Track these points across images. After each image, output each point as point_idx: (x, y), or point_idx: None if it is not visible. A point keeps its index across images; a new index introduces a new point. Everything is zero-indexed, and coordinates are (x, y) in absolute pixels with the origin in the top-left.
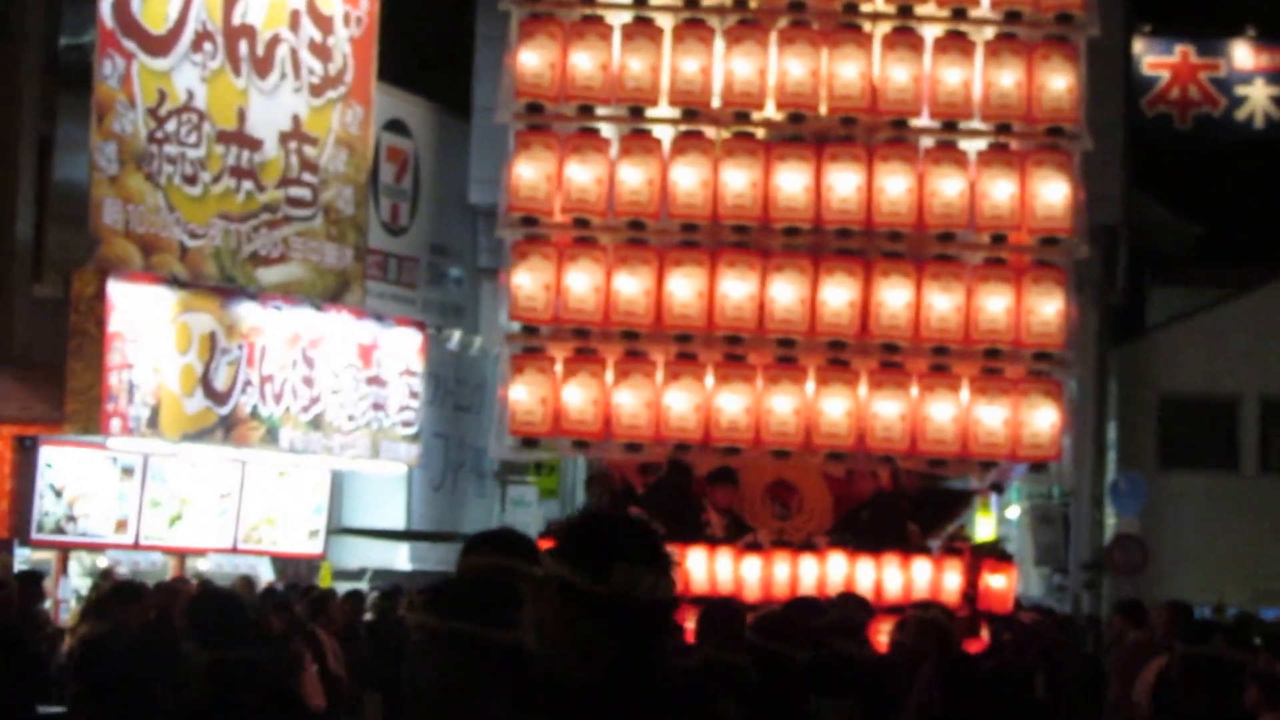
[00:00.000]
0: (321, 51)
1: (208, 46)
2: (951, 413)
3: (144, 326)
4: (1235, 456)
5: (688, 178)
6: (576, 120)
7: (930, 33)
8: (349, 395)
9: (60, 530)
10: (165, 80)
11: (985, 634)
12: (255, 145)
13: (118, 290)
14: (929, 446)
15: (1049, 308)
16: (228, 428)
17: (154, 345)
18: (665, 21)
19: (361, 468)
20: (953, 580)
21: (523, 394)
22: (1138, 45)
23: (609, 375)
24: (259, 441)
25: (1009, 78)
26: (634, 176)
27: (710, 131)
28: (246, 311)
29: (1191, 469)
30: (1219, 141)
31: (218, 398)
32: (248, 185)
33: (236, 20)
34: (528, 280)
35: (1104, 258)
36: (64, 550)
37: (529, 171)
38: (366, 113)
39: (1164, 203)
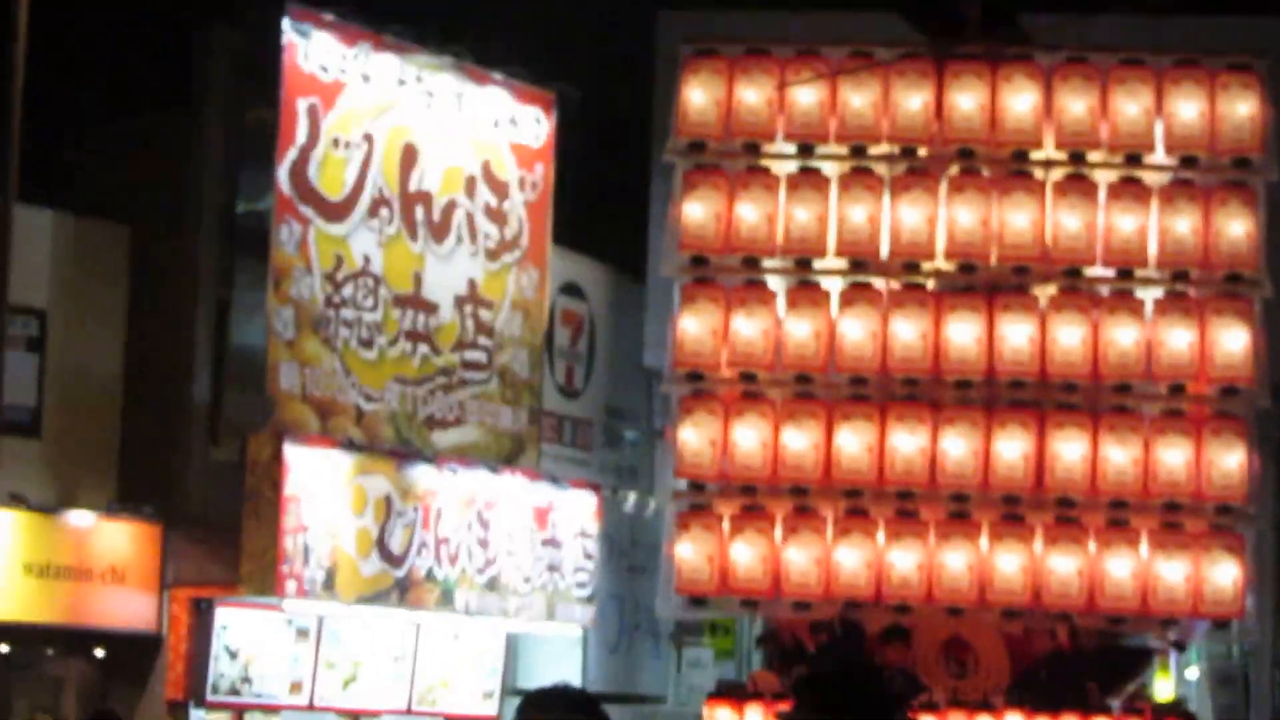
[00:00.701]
0: (497, 216)
1: (384, 212)
2: (1130, 568)
3: (320, 489)
4: None
5: (856, 330)
6: (742, 272)
7: (1103, 178)
8: (524, 557)
9: (235, 692)
10: (342, 245)
11: None
12: (431, 309)
13: (294, 453)
14: (1107, 603)
15: (1230, 460)
16: (403, 590)
17: (330, 508)
18: (831, 170)
19: (537, 629)
20: None
21: (689, 551)
22: None
23: (777, 532)
24: (434, 603)
25: (1185, 224)
26: (801, 329)
27: (879, 282)
28: (422, 474)
29: None
30: None
31: (393, 560)
32: (424, 349)
33: (413, 186)
34: (694, 436)
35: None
36: (239, 712)
37: (694, 326)
38: (542, 276)
39: None
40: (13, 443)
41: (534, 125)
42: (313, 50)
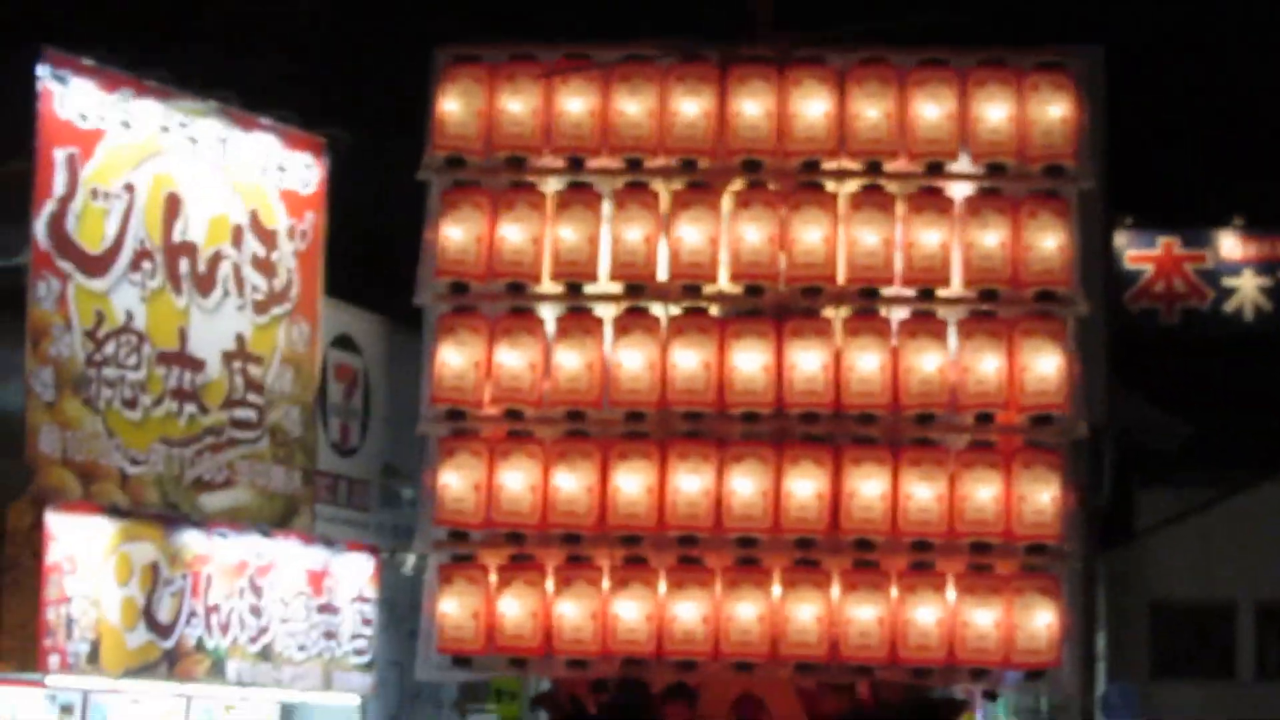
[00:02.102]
0: (266, 267)
1: (147, 265)
2: (936, 615)
3: (83, 558)
4: (1231, 664)
5: (632, 360)
6: (506, 299)
7: (902, 190)
8: (299, 624)
9: None
10: (103, 301)
11: None
12: (198, 366)
13: (55, 521)
14: (911, 654)
15: (1043, 494)
16: (172, 661)
17: (94, 577)
18: (604, 186)
19: (313, 699)
20: None
21: (453, 607)
22: (1119, 239)
23: (549, 584)
24: (205, 675)
25: (992, 238)
26: (571, 361)
27: (657, 308)
28: (190, 540)
29: (1186, 678)
30: (1208, 335)
31: (161, 631)
32: (190, 408)
33: (177, 237)
34: (455, 480)
35: (1089, 460)
36: None
37: (455, 359)
38: (313, 329)
39: (1151, 400)
40: None
41: (304, 171)
42: (70, 97)
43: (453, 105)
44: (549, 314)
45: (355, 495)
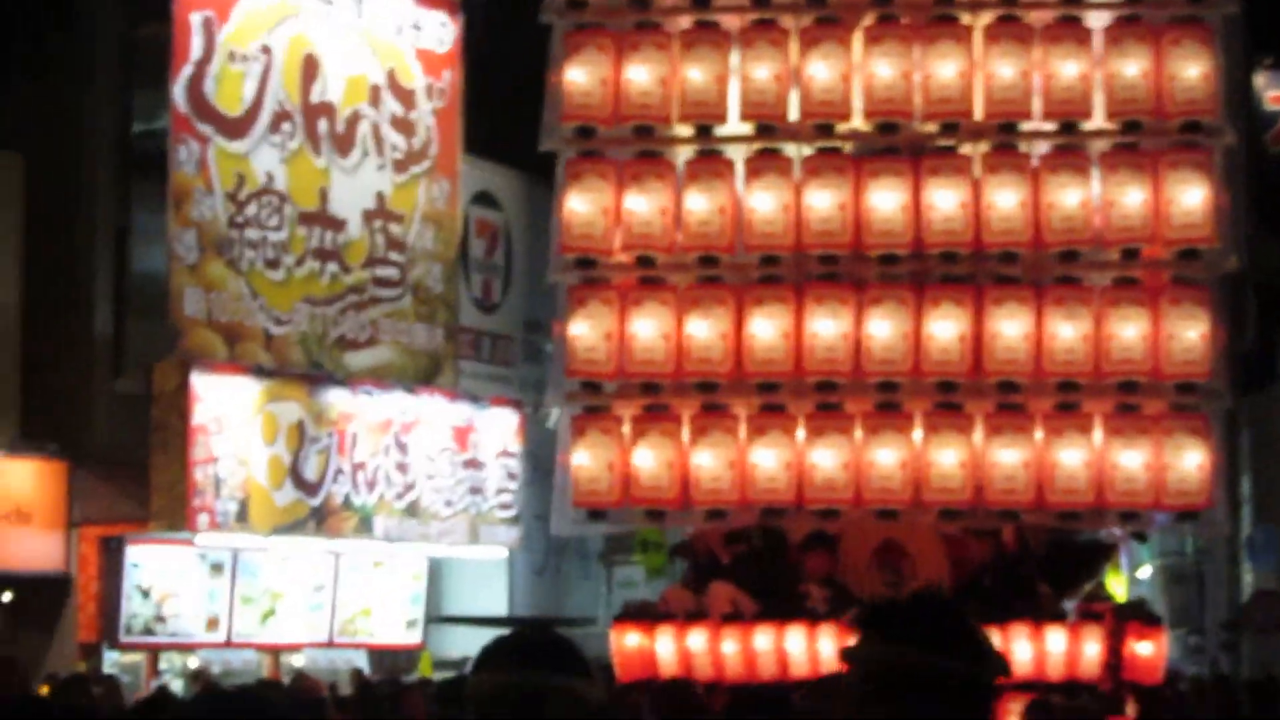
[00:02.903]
0: (404, 126)
1: (286, 126)
2: (1083, 458)
3: (229, 418)
4: None
5: (765, 203)
6: (634, 143)
7: (1039, 20)
8: (445, 480)
9: (149, 631)
10: (243, 163)
11: (1132, 710)
12: (339, 226)
13: (201, 382)
14: (1058, 498)
15: (1192, 331)
16: (320, 519)
17: (240, 437)
18: (732, 24)
19: (460, 554)
20: (1092, 649)
21: (586, 459)
22: (1259, 80)
23: (685, 434)
24: (353, 532)
25: (1134, 67)
26: (703, 205)
27: (789, 149)
28: (335, 398)
29: None
30: None
31: (308, 488)
32: (332, 267)
33: (315, 98)
34: (586, 330)
35: (1231, 305)
36: (154, 651)
37: (583, 205)
38: (453, 187)
39: None
40: None
41: (439, 29)
42: None
43: None
44: (679, 157)
45: (498, 350)
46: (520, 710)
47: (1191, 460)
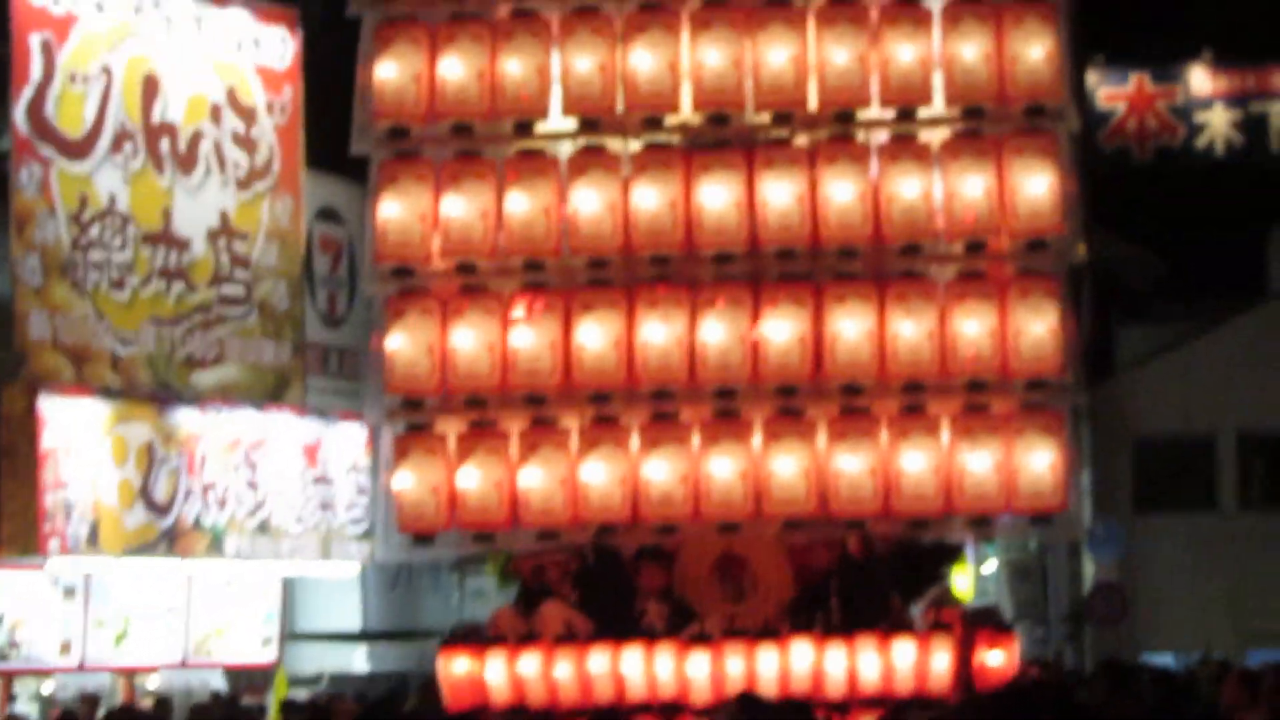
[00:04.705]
0: (246, 143)
1: (128, 147)
2: (931, 462)
3: (79, 441)
4: (1214, 496)
5: (591, 203)
6: (452, 143)
7: (876, 1)
8: (295, 497)
9: (2, 656)
10: (86, 185)
11: None
12: (183, 245)
13: (49, 405)
14: (906, 504)
15: (1040, 325)
16: (171, 540)
17: (90, 460)
18: (553, 12)
19: (312, 570)
20: (942, 661)
21: (410, 481)
22: (1091, 77)
23: (513, 450)
24: (204, 551)
25: (974, 50)
26: (525, 206)
27: (615, 144)
28: (184, 418)
29: (1169, 511)
30: (1180, 171)
31: (159, 510)
32: (178, 287)
33: (156, 118)
34: (406, 343)
35: (1071, 297)
36: (7, 677)
37: (398, 211)
38: (297, 203)
39: (1127, 238)
40: None
41: (279, 46)
42: None
43: None
44: (498, 156)
45: (346, 365)
46: None
47: (1043, 461)
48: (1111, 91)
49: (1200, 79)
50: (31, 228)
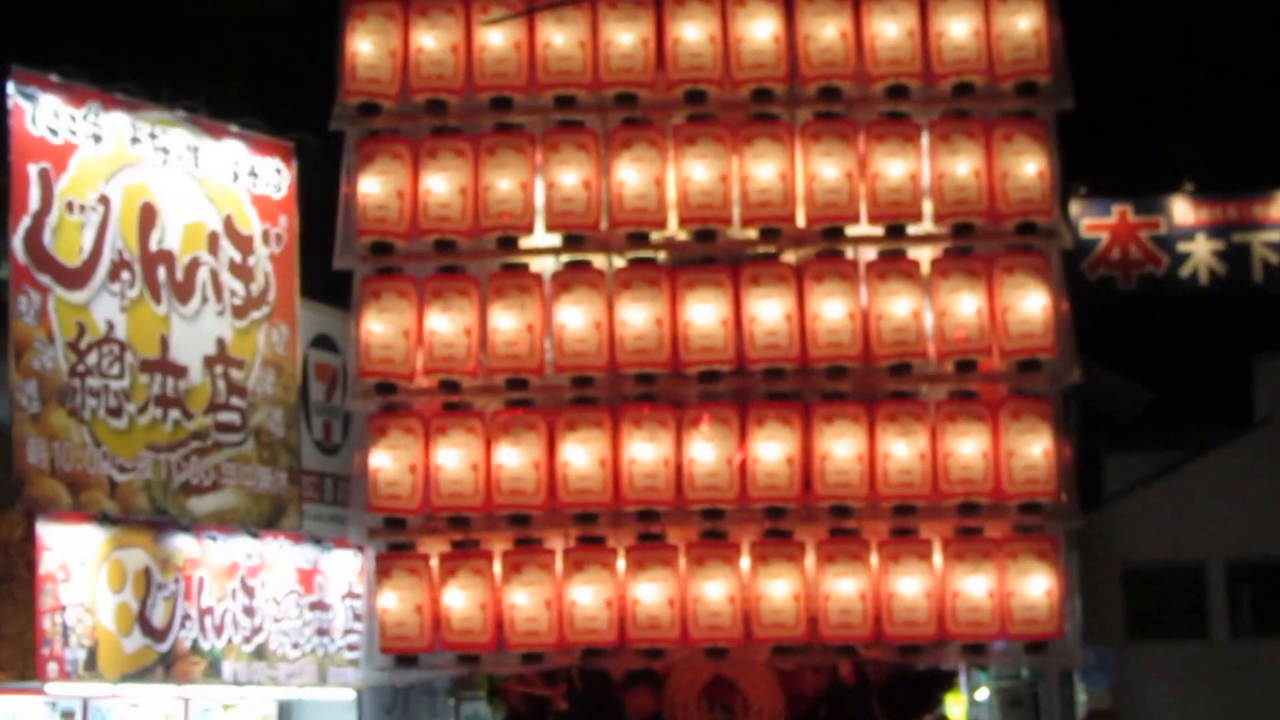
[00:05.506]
0: (242, 272)
1: (125, 275)
2: (923, 586)
3: (76, 566)
4: (1204, 624)
5: (576, 320)
6: (435, 259)
7: (862, 117)
8: (292, 622)
9: None
10: (84, 312)
11: None
12: (180, 372)
13: (47, 531)
14: (898, 630)
15: (1034, 447)
16: (168, 664)
17: (87, 585)
18: (536, 127)
19: (309, 695)
20: None
21: (393, 601)
22: (1075, 208)
23: (497, 571)
24: (201, 676)
25: (964, 165)
26: (509, 323)
27: (600, 260)
28: (181, 544)
29: (1160, 639)
30: (1164, 300)
31: (156, 635)
32: (175, 414)
33: (154, 246)
34: (388, 462)
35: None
36: None
37: (381, 327)
38: (292, 331)
39: (1113, 367)
40: None
41: (275, 176)
42: (40, 113)
43: (364, 46)
44: (482, 273)
45: (341, 491)
46: None
47: (1039, 586)
48: (1094, 222)
49: (1183, 209)
50: (29, 355)
